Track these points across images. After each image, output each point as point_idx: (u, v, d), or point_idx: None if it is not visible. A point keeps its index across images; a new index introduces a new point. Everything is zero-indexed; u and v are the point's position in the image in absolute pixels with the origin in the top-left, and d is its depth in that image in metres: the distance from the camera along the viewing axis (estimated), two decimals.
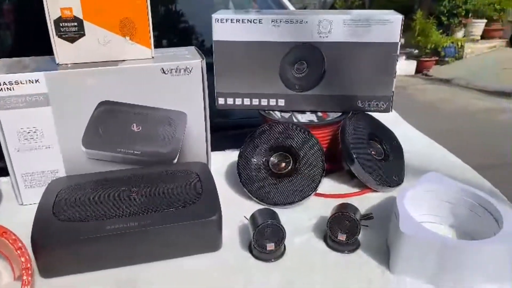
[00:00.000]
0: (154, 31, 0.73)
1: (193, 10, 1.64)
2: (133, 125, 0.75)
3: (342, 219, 0.64)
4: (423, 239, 0.56)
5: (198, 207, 0.64)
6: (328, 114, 0.86)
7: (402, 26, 0.78)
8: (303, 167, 0.76)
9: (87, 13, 0.68)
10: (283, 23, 0.80)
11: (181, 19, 1.82)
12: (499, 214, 0.61)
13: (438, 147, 1.01)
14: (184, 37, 1.69)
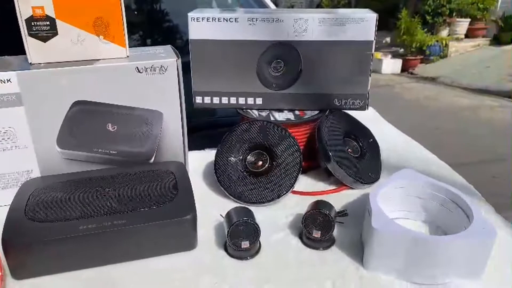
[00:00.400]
0: (139, 30, 0.72)
1: (177, 9, 1.64)
2: (108, 125, 0.75)
3: (317, 216, 0.64)
4: (394, 235, 0.57)
5: (172, 207, 0.63)
6: (306, 113, 0.87)
7: (377, 24, 0.79)
8: (280, 165, 0.77)
9: (59, 12, 0.68)
10: (259, 21, 0.80)
11: (166, 18, 1.82)
12: (469, 209, 0.62)
13: (415, 144, 1.02)
14: (168, 36, 1.69)
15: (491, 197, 2.74)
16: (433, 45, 6.84)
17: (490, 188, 2.72)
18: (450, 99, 5.20)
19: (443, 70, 6.40)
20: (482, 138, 3.76)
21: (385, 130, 1.06)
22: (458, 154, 3.32)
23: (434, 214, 0.69)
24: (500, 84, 5.43)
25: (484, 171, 2.99)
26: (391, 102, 5.14)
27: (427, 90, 5.74)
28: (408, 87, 5.96)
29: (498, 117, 4.41)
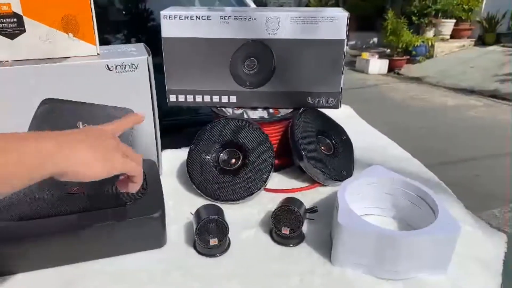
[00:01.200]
0: (123, 29, 0.72)
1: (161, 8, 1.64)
2: (78, 123, 0.74)
3: (286, 213, 0.64)
4: (360, 231, 0.58)
5: (141, 205, 0.63)
6: (279, 111, 0.87)
7: (348, 23, 0.80)
8: (253, 163, 0.77)
9: (26, 9, 0.67)
10: (232, 19, 0.80)
11: (150, 17, 1.81)
12: (435, 205, 0.63)
13: (389, 142, 1.03)
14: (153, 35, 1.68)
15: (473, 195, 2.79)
16: (419, 46, 6.92)
17: (473, 186, 2.77)
18: (435, 99, 5.26)
19: (428, 71, 6.48)
20: (466, 137, 3.81)
21: (360, 128, 1.07)
22: (442, 152, 3.37)
23: (404, 210, 0.69)
24: (484, 84, 5.51)
25: (468, 169, 3.03)
26: (377, 101, 5.19)
27: (413, 90, 5.80)
28: (394, 87, 6.02)
29: (481, 116, 4.47)
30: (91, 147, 0.44)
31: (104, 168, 0.45)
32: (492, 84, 5.45)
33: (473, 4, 7.01)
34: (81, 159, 0.43)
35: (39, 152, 0.39)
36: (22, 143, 0.39)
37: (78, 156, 0.43)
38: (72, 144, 0.43)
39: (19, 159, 0.38)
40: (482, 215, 2.41)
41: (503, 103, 4.91)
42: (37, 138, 0.40)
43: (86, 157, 0.43)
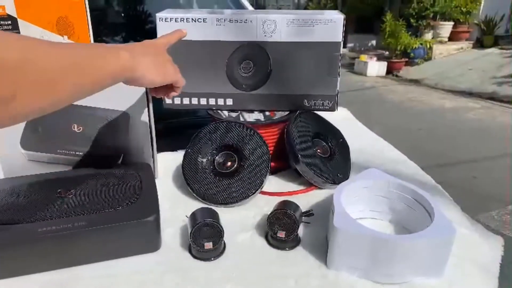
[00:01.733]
0: (121, 32, 0.72)
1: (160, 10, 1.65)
2: (73, 126, 0.74)
3: (281, 216, 0.64)
4: (355, 234, 0.57)
5: (135, 208, 0.63)
6: (276, 113, 0.87)
7: (344, 25, 0.80)
8: (248, 166, 0.77)
9: (21, 11, 0.67)
10: (228, 22, 0.80)
11: (148, 20, 1.81)
12: (431, 208, 0.62)
13: (386, 144, 1.03)
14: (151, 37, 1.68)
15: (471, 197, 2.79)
16: (418, 48, 6.93)
17: (471, 188, 2.77)
18: (434, 101, 5.27)
19: (427, 73, 6.49)
20: (464, 139, 3.81)
21: (357, 131, 1.07)
22: (440, 154, 3.37)
23: (400, 213, 0.69)
24: (482, 86, 5.52)
25: (465, 171, 3.04)
26: (375, 103, 5.19)
27: (411, 92, 5.81)
28: (392, 89, 6.03)
29: (479, 118, 4.48)
30: (152, 59, 0.54)
31: (161, 76, 0.56)
32: (490, 86, 5.46)
33: (471, 7, 7.03)
34: (147, 67, 0.53)
35: (120, 59, 0.48)
36: (107, 52, 0.47)
37: (144, 65, 0.52)
38: (140, 55, 0.52)
39: (111, 65, 0.47)
40: (480, 217, 2.41)
41: (501, 105, 4.92)
42: (117, 50, 0.48)
43: (149, 66, 0.53)
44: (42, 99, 0.39)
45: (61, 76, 0.40)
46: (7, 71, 0.35)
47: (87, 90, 0.45)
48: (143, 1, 1.98)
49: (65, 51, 0.42)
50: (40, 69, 0.38)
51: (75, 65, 0.42)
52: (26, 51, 0.37)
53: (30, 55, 0.37)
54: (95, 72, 0.44)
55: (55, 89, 0.40)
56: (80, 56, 0.43)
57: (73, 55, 0.42)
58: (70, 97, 0.43)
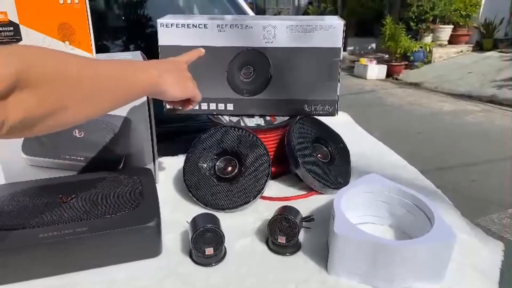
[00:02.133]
0: (122, 36, 0.73)
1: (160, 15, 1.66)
2: (75, 131, 0.74)
3: (282, 222, 0.64)
4: (355, 240, 0.58)
5: (136, 213, 0.63)
6: (276, 118, 0.87)
7: (344, 31, 0.80)
8: (249, 171, 0.77)
9: (23, 18, 0.67)
10: (229, 28, 0.80)
11: (149, 24, 1.82)
12: (431, 213, 0.63)
13: (386, 149, 1.03)
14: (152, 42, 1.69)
15: (470, 201, 2.80)
16: (417, 51, 6.94)
17: (470, 191, 2.77)
18: (433, 104, 5.27)
19: (427, 76, 6.50)
20: (463, 142, 3.82)
21: (357, 135, 1.07)
22: (439, 158, 3.37)
23: (400, 218, 0.69)
24: (481, 90, 5.53)
25: (464, 174, 3.04)
26: (375, 107, 5.20)
27: (411, 95, 5.82)
28: (392, 93, 6.03)
29: (479, 121, 4.48)
30: (175, 75, 0.60)
31: (182, 91, 0.62)
32: (489, 89, 5.47)
33: (471, 10, 7.05)
34: (171, 83, 0.58)
35: (149, 76, 0.55)
36: (139, 69, 0.54)
37: (169, 81, 0.58)
38: (166, 72, 0.58)
39: (141, 81, 0.54)
40: (480, 220, 2.41)
41: (500, 108, 4.93)
42: (147, 68, 0.55)
43: (173, 82, 0.59)
44: (88, 110, 0.46)
45: (104, 90, 0.48)
46: (65, 84, 0.42)
47: (122, 102, 0.52)
48: (143, 6, 1.99)
49: (108, 70, 0.49)
50: (90, 85, 0.45)
51: (115, 81, 0.49)
52: (82, 69, 0.44)
53: (84, 72, 0.44)
54: (130, 87, 0.52)
55: (99, 102, 0.47)
56: (118, 74, 0.50)
57: (113, 73, 0.49)
58: (108, 108, 0.51)
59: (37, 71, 0.39)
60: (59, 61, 0.42)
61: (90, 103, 0.46)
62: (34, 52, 0.41)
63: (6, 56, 0.36)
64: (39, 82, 0.39)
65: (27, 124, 0.39)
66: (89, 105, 0.46)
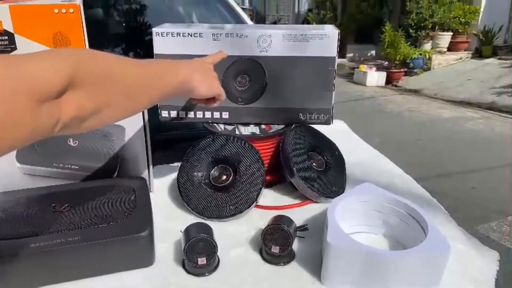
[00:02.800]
0: (121, 43, 0.73)
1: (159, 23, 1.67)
2: (69, 140, 0.74)
3: (276, 231, 0.64)
4: (348, 250, 0.57)
5: (129, 223, 0.63)
6: (271, 127, 0.87)
7: (339, 40, 0.80)
8: (243, 179, 0.77)
9: (18, 27, 0.67)
10: (224, 37, 0.81)
11: (148, 31, 1.83)
12: (425, 223, 0.62)
13: (382, 157, 1.03)
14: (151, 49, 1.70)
15: (470, 208, 2.79)
16: (417, 58, 6.96)
17: (470, 198, 2.76)
18: (433, 111, 5.28)
19: (426, 83, 6.52)
20: (463, 149, 3.81)
21: (353, 143, 1.07)
22: (439, 165, 3.36)
23: (394, 228, 0.69)
24: (481, 96, 5.54)
25: (464, 182, 3.03)
26: (375, 113, 5.20)
27: (410, 102, 5.83)
28: (392, 99, 6.04)
29: (478, 129, 4.48)
30: (203, 74, 0.63)
31: (209, 89, 0.65)
32: (489, 96, 5.48)
33: (470, 17, 7.08)
34: (199, 81, 0.61)
35: (179, 74, 0.57)
36: (171, 68, 0.57)
37: (197, 79, 0.61)
38: (194, 71, 0.61)
39: (174, 79, 0.56)
40: (480, 228, 2.40)
41: (500, 115, 4.93)
42: (179, 67, 0.58)
43: (201, 80, 0.62)
44: (128, 107, 0.49)
45: (144, 89, 0.50)
46: (111, 82, 0.45)
47: (157, 100, 0.55)
48: (143, 13, 2.00)
49: (147, 69, 0.52)
50: (132, 83, 0.48)
51: (153, 80, 0.52)
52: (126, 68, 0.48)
53: (128, 71, 0.48)
54: (163, 86, 0.55)
55: (138, 100, 0.50)
56: (157, 73, 0.54)
57: (152, 73, 0.53)
58: (144, 107, 0.55)
59: (87, 71, 0.41)
60: (106, 60, 0.45)
61: (131, 101, 0.49)
62: (83, 53, 0.44)
63: (59, 59, 0.39)
64: (89, 81, 0.41)
65: (76, 121, 0.41)
66: (129, 103, 0.49)
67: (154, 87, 0.52)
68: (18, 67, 0.35)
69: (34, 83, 0.35)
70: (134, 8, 1.98)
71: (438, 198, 0.85)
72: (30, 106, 0.34)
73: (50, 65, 0.37)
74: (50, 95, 0.36)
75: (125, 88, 0.47)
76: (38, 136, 0.37)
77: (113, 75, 0.45)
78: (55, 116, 0.37)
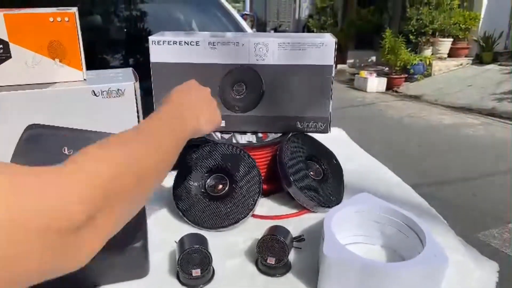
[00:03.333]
0: (121, 50, 0.72)
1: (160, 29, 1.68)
2: (64, 148, 0.73)
3: (271, 242, 0.63)
4: (344, 261, 0.57)
5: (123, 233, 0.61)
6: (268, 135, 0.86)
7: (336, 49, 0.80)
8: (240, 189, 0.76)
9: (12, 36, 0.67)
10: (220, 45, 0.80)
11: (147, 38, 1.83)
12: (423, 234, 0.62)
13: (380, 166, 1.02)
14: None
15: (471, 215, 2.78)
16: (417, 64, 6.98)
17: (471, 206, 2.75)
18: (433, 117, 5.27)
19: (427, 89, 6.52)
20: (464, 156, 3.80)
21: (351, 152, 1.07)
22: (440, 171, 3.35)
23: (392, 238, 0.68)
24: (481, 103, 5.53)
25: (465, 189, 3.02)
26: (375, 119, 5.20)
27: (411, 108, 5.83)
28: (392, 105, 6.04)
29: (479, 135, 4.48)
30: (206, 111, 0.64)
31: (213, 126, 0.65)
32: (489, 102, 5.47)
33: (470, 24, 7.10)
34: (205, 122, 0.62)
35: (187, 129, 0.58)
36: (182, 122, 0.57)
37: (203, 121, 0.62)
38: (199, 111, 0.62)
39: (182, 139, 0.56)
40: (481, 235, 2.38)
41: (500, 121, 4.93)
42: (184, 114, 0.59)
43: (206, 120, 0.63)
44: (152, 182, 0.49)
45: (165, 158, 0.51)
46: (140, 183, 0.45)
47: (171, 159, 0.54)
48: (143, 20, 2.01)
49: (165, 139, 0.52)
50: (149, 176, 0.48)
51: (171, 145, 0.53)
52: (149, 155, 0.48)
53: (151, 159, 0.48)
54: (181, 142, 0.55)
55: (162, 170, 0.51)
56: (173, 137, 0.54)
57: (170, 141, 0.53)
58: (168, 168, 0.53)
59: (118, 188, 0.38)
60: (132, 168, 0.43)
61: (154, 175, 0.49)
62: (115, 166, 0.40)
63: (88, 181, 0.34)
64: (118, 199, 0.39)
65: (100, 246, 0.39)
66: (154, 179, 0.49)
67: (175, 149, 0.53)
68: (34, 194, 0.30)
69: (51, 217, 0.30)
70: (134, 15, 1.99)
71: (439, 204, 0.84)
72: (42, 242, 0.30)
73: (76, 192, 0.32)
74: (70, 228, 0.32)
75: (150, 184, 0.47)
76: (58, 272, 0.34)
77: (139, 183, 0.43)
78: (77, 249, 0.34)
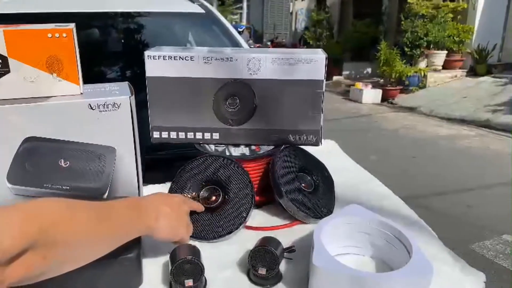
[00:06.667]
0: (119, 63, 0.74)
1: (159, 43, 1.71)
2: (60, 161, 0.75)
3: (262, 253, 0.65)
4: (333, 272, 0.58)
5: None
6: (261, 148, 0.88)
7: (326, 65, 0.82)
8: (233, 200, 0.77)
9: (11, 50, 0.69)
10: (214, 60, 0.82)
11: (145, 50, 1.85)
12: (410, 246, 0.63)
13: (371, 177, 1.04)
14: None
15: (465, 226, 2.79)
16: (412, 76, 7.05)
17: (465, 217, 2.76)
18: (428, 129, 5.32)
19: (421, 100, 6.57)
20: (458, 167, 3.83)
21: (342, 164, 1.08)
22: (434, 182, 3.37)
23: (381, 249, 0.70)
24: (476, 114, 5.59)
25: (460, 200, 3.04)
26: (371, 131, 5.23)
27: (406, 119, 5.87)
28: (387, 117, 6.09)
29: (474, 146, 4.51)
30: (171, 221, 0.65)
31: (170, 236, 0.66)
32: (484, 114, 5.53)
33: (464, 36, 7.19)
34: (163, 228, 0.64)
35: (148, 222, 0.62)
36: (142, 216, 0.61)
37: (162, 225, 0.64)
38: (164, 217, 0.64)
39: (135, 229, 0.60)
40: (475, 246, 2.40)
41: (495, 133, 4.97)
42: (148, 211, 0.63)
43: (166, 227, 0.64)
44: (87, 259, 0.53)
45: (109, 239, 0.55)
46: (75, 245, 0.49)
47: (119, 244, 0.57)
48: (141, 32, 2.04)
49: (117, 220, 0.56)
50: (90, 243, 0.52)
51: (121, 230, 0.57)
52: (94, 227, 0.51)
53: (95, 230, 0.52)
54: (131, 232, 0.59)
55: (100, 249, 0.54)
56: (125, 223, 0.58)
57: (121, 223, 0.57)
58: (105, 252, 0.56)
59: (51, 237, 0.42)
60: (72, 222, 0.47)
61: (91, 253, 0.52)
62: (52, 215, 0.45)
63: (24, 221, 0.39)
64: (50, 246, 0.42)
65: (26, 279, 0.42)
66: (89, 255, 0.52)
67: (122, 235, 0.57)
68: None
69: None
70: (132, 27, 2.02)
71: (433, 215, 0.86)
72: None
73: (8, 229, 0.37)
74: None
75: (89, 246, 0.50)
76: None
77: (80, 238, 0.47)
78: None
